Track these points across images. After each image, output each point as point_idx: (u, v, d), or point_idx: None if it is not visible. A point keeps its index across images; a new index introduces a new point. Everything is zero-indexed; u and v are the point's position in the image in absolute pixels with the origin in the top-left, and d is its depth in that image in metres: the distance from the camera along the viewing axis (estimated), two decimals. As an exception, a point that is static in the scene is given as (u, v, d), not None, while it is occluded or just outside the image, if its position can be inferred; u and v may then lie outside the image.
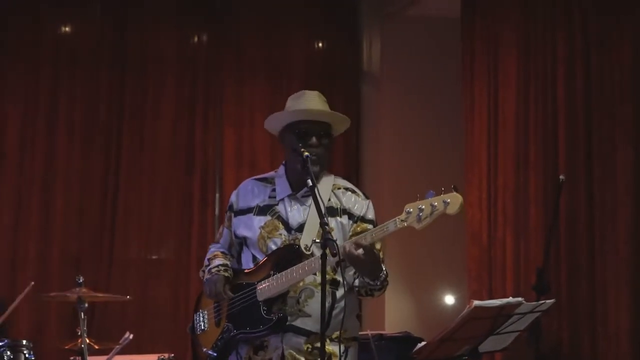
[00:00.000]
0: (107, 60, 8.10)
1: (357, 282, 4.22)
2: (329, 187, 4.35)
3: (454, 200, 3.81)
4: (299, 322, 4.18)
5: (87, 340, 5.83)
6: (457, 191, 3.83)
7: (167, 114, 8.21)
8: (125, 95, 8.12)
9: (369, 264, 4.03)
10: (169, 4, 8.34)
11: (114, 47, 8.15)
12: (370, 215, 4.36)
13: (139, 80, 8.17)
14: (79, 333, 5.76)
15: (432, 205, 3.84)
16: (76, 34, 8.13)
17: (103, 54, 8.10)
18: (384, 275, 4.15)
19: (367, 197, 4.40)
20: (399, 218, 3.93)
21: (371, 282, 4.14)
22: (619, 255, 5.75)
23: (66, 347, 6.05)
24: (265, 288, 4.20)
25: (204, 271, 4.45)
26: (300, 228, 4.26)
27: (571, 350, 6.09)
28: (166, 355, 6.24)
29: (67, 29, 8.12)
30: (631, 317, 5.66)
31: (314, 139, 4.25)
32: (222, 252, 4.49)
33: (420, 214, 3.86)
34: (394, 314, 8.04)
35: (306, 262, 4.11)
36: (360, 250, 3.96)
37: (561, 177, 5.77)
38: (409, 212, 3.90)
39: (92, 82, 8.05)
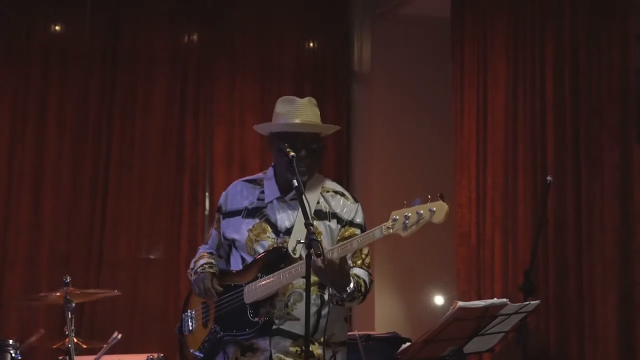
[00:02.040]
0: (97, 59, 8.08)
1: (330, 290, 4.19)
2: (317, 189, 4.34)
3: (439, 209, 3.82)
4: (287, 326, 4.17)
5: (75, 340, 5.82)
6: (443, 199, 3.83)
7: (157, 113, 8.20)
8: (116, 94, 8.10)
9: (331, 276, 3.99)
10: (160, 3, 8.33)
11: (104, 46, 8.13)
12: (359, 219, 4.34)
13: (129, 79, 8.16)
14: (67, 333, 5.75)
15: (418, 213, 3.85)
16: (67, 33, 8.11)
17: (94, 53, 8.08)
18: (351, 289, 4.08)
19: (356, 201, 4.38)
20: (385, 225, 3.92)
21: (337, 294, 4.11)
22: (607, 256, 5.76)
23: (54, 347, 6.05)
24: (252, 291, 4.20)
25: (190, 274, 4.45)
26: (289, 231, 4.25)
27: (559, 351, 6.10)
28: (155, 355, 6.20)
29: (57, 27, 8.10)
30: (618, 318, 5.67)
31: (303, 152, 4.22)
32: (208, 253, 4.50)
33: (407, 221, 3.86)
34: (384, 314, 8.04)
35: (293, 265, 4.10)
36: (323, 261, 3.90)
37: (549, 178, 5.80)
38: (395, 220, 3.90)
39: (83, 81, 8.03)
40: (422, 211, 3.84)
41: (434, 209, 3.82)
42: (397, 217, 3.89)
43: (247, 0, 8.55)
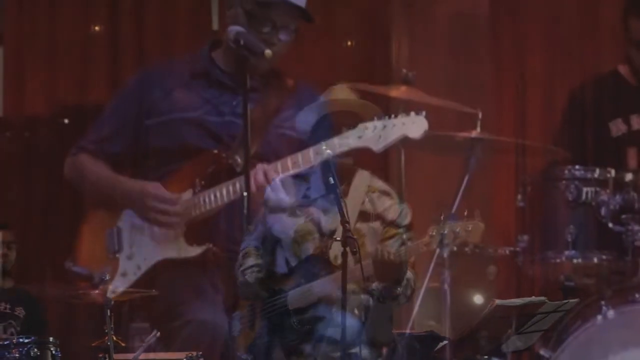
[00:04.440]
0: (132, 59, 8.14)
1: (373, 285, 4.20)
2: (364, 188, 4.34)
3: (475, 229, 4.09)
4: (331, 332, 4.16)
5: (114, 338, 5.86)
6: (479, 217, 4.10)
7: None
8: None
9: (390, 273, 4.11)
10: (192, 2, 8.36)
11: (133, 45, 8.18)
12: (404, 220, 4.36)
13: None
14: (106, 331, 5.79)
15: (454, 232, 4.07)
16: (104, 34, 8.17)
17: (129, 53, 8.14)
18: (399, 288, 4.16)
19: (402, 201, 4.40)
20: (422, 242, 4.14)
21: (380, 289, 4.12)
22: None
23: (93, 345, 6.08)
24: (296, 297, 4.21)
25: (238, 272, 4.47)
26: (332, 234, 4.25)
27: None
28: (194, 353, 6.22)
29: (97, 28, 8.16)
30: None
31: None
32: (254, 248, 4.48)
33: (444, 240, 4.06)
34: (421, 313, 8.00)
35: (337, 274, 4.08)
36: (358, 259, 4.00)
37: (588, 175, 5.76)
38: (431, 236, 4.10)
39: (113, 78, 8.09)
40: (458, 229, 4.05)
41: (470, 227, 4.07)
42: (434, 233, 4.07)
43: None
